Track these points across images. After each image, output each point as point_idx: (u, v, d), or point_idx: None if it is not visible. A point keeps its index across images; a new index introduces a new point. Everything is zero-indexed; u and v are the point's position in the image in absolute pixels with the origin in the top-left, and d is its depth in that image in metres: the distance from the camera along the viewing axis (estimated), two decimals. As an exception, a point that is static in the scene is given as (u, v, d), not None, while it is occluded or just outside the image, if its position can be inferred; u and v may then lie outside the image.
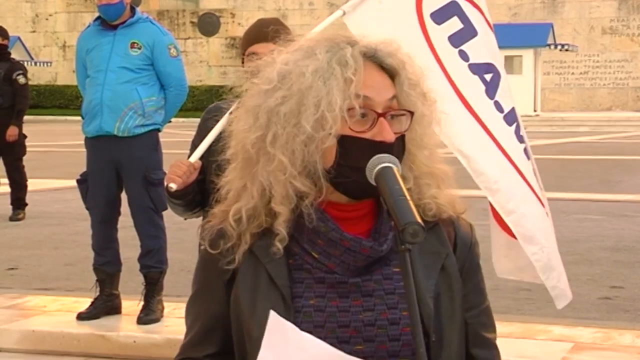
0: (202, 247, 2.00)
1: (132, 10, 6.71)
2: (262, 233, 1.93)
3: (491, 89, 3.98)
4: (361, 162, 1.88)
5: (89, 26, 6.83)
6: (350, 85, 1.87)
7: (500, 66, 4.07)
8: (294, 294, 1.91)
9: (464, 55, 3.96)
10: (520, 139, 4.03)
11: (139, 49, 6.58)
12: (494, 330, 2.07)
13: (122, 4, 6.57)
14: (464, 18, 4.03)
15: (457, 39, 3.97)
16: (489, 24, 4.14)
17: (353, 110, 1.87)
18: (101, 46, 6.59)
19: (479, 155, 3.88)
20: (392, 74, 1.93)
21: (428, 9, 3.98)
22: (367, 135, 1.88)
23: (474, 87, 3.95)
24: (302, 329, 1.84)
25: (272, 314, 1.79)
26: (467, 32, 4.01)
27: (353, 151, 1.88)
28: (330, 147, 1.88)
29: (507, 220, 3.88)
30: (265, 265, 1.92)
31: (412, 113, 1.92)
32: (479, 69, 3.98)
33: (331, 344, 1.84)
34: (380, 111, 1.89)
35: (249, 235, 1.93)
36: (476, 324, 2.02)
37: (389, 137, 1.88)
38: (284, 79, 1.91)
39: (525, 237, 3.91)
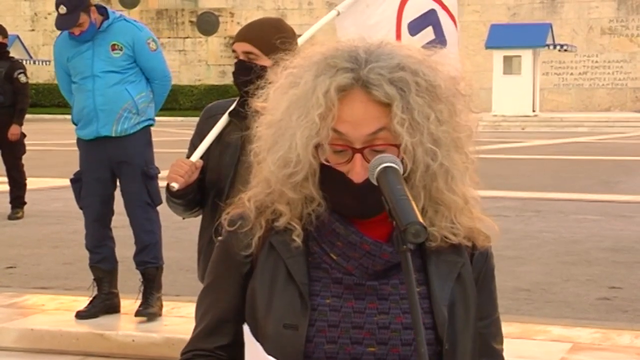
0: (222, 232, 1.99)
1: (104, 12, 6.65)
2: (282, 229, 1.93)
3: None
4: (336, 195, 1.88)
5: (62, 32, 6.70)
6: (320, 122, 1.84)
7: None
8: (311, 291, 1.90)
9: None
10: None
11: (120, 50, 6.56)
12: (501, 341, 2.07)
13: (92, 24, 6.51)
14: (438, 28, 4.08)
15: None
16: (455, 23, 4.21)
17: (322, 146, 1.85)
18: (81, 53, 6.56)
19: None
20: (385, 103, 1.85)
21: (407, 17, 4.02)
22: (343, 168, 1.86)
23: None
24: (317, 327, 1.87)
25: (246, 329, 1.71)
26: (438, 43, 4.08)
27: (329, 182, 1.88)
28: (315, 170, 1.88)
29: None
30: (285, 260, 1.91)
31: (397, 146, 1.85)
32: None
33: (344, 344, 1.86)
34: (358, 146, 1.84)
35: (264, 221, 1.94)
36: (487, 334, 2.01)
37: (357, 177, 1.85)
38: (270, 105, 1.91)
39: None
